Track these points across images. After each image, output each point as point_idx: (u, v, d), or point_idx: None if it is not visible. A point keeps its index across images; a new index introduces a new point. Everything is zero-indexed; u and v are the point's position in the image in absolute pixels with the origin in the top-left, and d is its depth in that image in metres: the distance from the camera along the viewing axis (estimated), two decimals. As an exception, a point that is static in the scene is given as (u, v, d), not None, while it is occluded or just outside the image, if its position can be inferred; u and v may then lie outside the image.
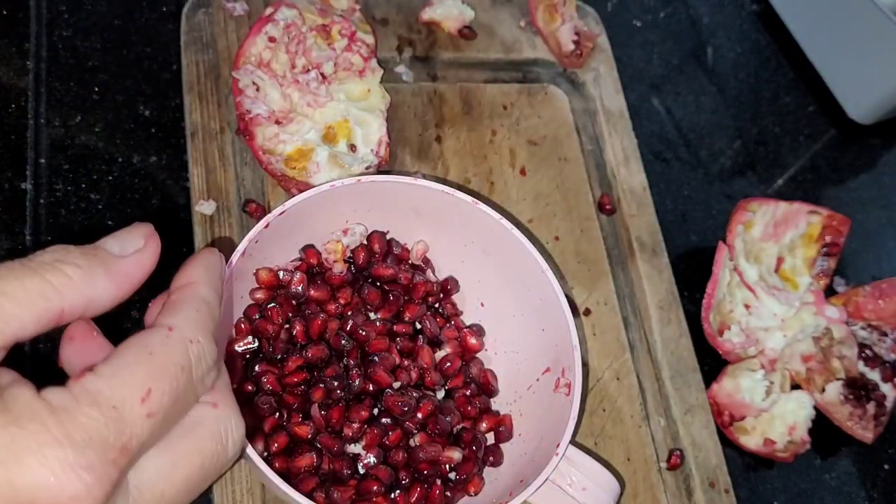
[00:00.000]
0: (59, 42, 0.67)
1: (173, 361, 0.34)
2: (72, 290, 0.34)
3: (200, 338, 0.36)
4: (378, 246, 0.56)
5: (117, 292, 0.37)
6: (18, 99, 0.64)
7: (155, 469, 0.34)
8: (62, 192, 0.62)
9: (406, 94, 0.71)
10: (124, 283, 0.37)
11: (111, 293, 0.36)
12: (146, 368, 0.33)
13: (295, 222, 0.53)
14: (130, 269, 0.37)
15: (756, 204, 0.70)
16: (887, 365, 0.68)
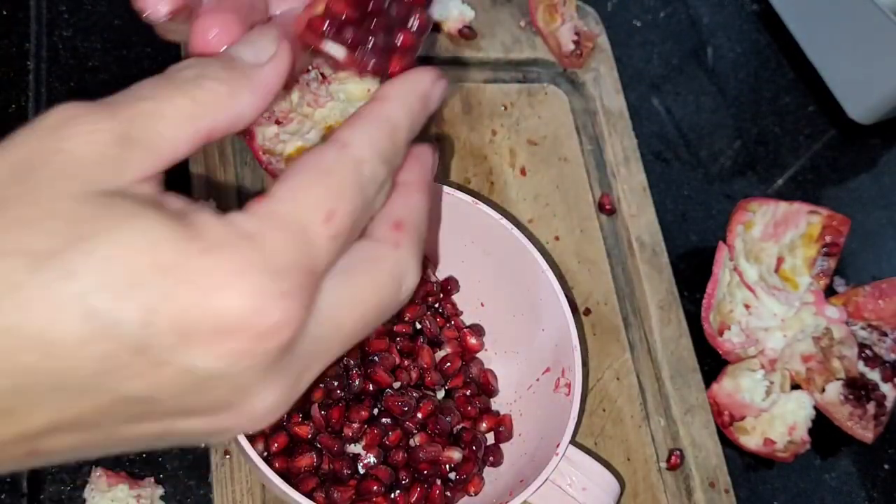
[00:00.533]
0: (59, 42, 0.67)
1: (350, 181, 0.32)
2: (220, 108, 0.32)
3: (372, 156, 0.33)
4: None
5: (260, 104, 0.34)
6: (18, 99, 0.64)
7: (336, 298, 0.32)
8: (62, 192, 0.62)
9: (406, 94, 0.71)
10: (266, 94, 0.34)
11: (255, 106, 0.34)
12: (326, 189, 0.31)
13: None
14: (269, 79, 0.34)
15: (756, 204, 0.70)
16: (887, 365, 0.68)
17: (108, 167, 0.29)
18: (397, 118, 0.35)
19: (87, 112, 0.29)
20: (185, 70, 0.32)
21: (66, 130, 0.29)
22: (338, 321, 0.32)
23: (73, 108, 0.29)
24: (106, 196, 0.28)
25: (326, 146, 0.33)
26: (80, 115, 0.29)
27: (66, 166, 0.28)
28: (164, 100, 0.31)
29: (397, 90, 0.36)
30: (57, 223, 0.27)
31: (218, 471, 0.54)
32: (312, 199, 0.31)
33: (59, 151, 0.28)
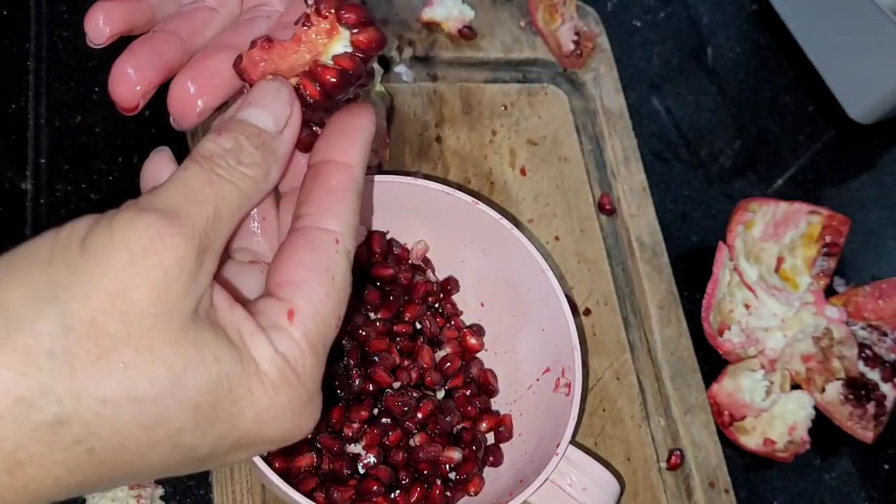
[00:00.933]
0: (59, 42, 0.67)
1: (345, 279, 0.37)
2: (260, 192, 0.36)
3: (352, 246, 0.38)
4: (378, 246, 0.56)
5: (283, 172, 0.38)
6: (18, 99, 0.64)
7: None
8: (62, 192, 0.62)
9: (406, 94, 0.71)
10: (286, 161, 0.38)
11: (279, 176, 0.37)
12: (335, 298, 0.36)
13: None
14: (289, 146, 0.38)
15: (756, 204, 0.70)
16: (887, 365, 0.68)
17: (189, 292, 0.32)
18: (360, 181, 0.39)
19: (169, 232, 0.31)
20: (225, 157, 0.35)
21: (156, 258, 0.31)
22: None
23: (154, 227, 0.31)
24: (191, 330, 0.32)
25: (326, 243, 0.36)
26: (164, 237, 0.31)
27: (162, 305, 0.31)
28: (220, 200, 0.33)
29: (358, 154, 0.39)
30: (158, 371, 0.31)
31: (218, 471, 0.54)
32: (330, 315, 0.36)
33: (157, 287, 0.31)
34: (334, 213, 0.37)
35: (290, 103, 0.38)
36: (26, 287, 0.30)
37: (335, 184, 0.38)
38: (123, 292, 0.30)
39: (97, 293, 0.30)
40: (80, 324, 0.30)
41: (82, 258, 0.30)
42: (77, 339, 0.29)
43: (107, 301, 0.30)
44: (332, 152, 0.38)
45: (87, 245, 0.31)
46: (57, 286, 0.30)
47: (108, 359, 0.30)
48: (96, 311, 0.30)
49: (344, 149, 0.38)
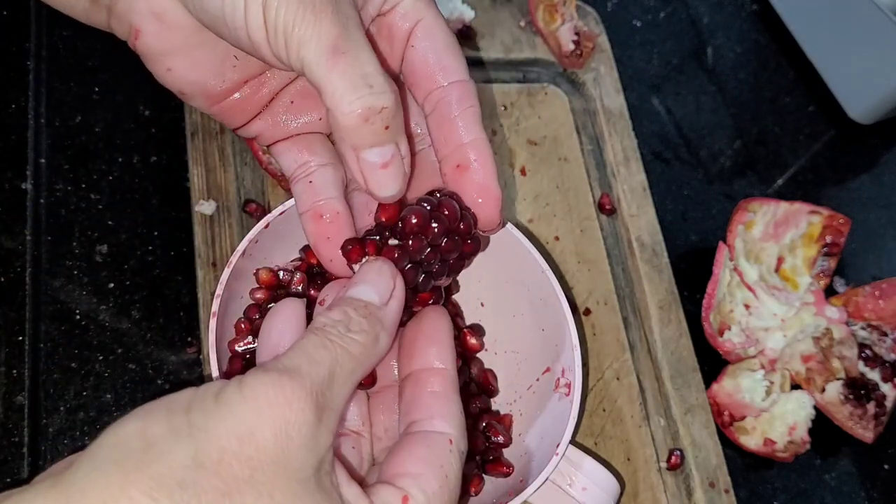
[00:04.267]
0: (59, 42, 0.67)
1: (457, 476, 0.40)
2: (370, 358, 0.39)
3: (464, 446, 0.41)
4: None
5: (392, 340, 0.41)
6: (18, 99, 0.64)
7: None
8: (62, 192, 0.62)
9: (406, 94, 0.71)
10: (394, 329, 0.41)
11: (389, 345, 0.41)
12: (448, 493, 0.39)
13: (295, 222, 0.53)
14: (396, 316, 0.41)
15: (756, 204, 0.70)
16: (887, 365, 0.68)
17: (310, 446, 0.34)
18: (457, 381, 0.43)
19: (291, 386, 0.34)
20: (336, 326, 0.38)
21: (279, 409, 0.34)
22: None
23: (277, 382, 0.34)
24: (310, 486, 0.34)
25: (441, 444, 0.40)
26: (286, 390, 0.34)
27: (284, 455, 0.33)
28: (334, 362, 0.36)
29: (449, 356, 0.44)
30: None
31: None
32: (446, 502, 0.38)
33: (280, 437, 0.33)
34: (445, 416, 0.41)
35: (393, 277, 0.41)
36: (168, 424, 0.33)
37: (439, 390, 0.42)
38: (249, 437, 0.33)
39: (227, 436, 0.33)
40: (210, 461, 0.32)
41: (216, 407, 0.33)
42: (206, 475, 0.32)
43: (235, 443, 0.33)
44: (428, 359, 0.43)
45: (221, 397, 0.34)
46: (192, 426, 0.33)
47: (231, 498, 0.32)
48: (225, 451, 0.32)
49: (436, 355, 0.43)
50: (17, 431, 0.55)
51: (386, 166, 0.41)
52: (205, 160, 0.63)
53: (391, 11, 0.44)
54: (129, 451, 0.32)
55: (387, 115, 0.40)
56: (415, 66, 0.44)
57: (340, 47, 0.39)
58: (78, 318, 0.59)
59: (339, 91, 0.39)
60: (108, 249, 0.62)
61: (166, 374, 0.59)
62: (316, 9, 0.39)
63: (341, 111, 0.40)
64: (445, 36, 0.44)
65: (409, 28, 0.44)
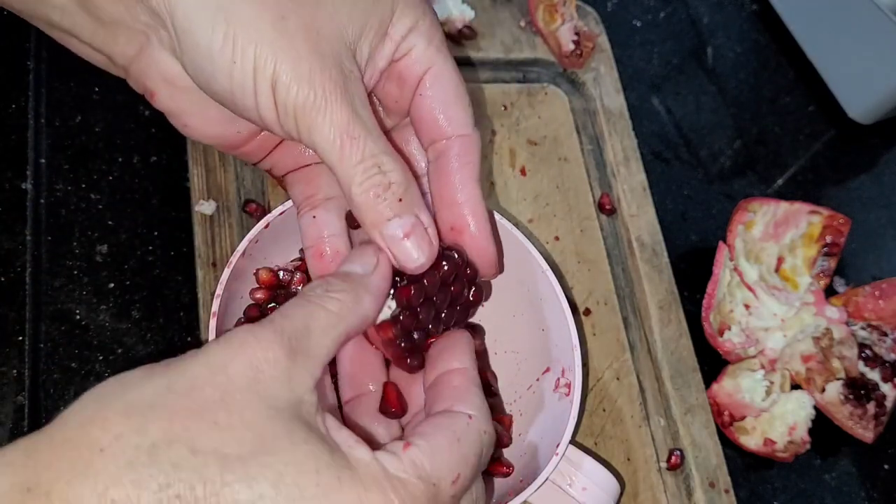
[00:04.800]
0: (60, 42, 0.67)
1: (474, 451, 0.39)
2: (350, 313, 0.40)
3: (488, 428, 0.41)
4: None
5: (379, 305, 0.42)
6: (18, 99, 0.64)
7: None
8: (62, 192, 0.62)
9: (406, 94, 0.71)
10: (380, 295, 0.42)
11: (375, 307, 0.42)
12: (457, 455, 0.38)
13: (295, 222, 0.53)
14: (380, 283, 0.42)
15: (756, 204, 0.70)
16: (887, 365, 0.68)
17: (283, 382, 0.35)
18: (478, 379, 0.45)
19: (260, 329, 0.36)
20: (315, 289, 0.40)
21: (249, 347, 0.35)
22: None
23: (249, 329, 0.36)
24: (286, 414, 0.35)
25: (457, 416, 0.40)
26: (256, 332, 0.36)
27: (256, 384, 0.35)
28: (308, 316, 0.38)
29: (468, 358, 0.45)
30: (246, 434, 0.34)
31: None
32: (447, 463, 0.38)
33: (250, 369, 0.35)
34: (465, 401, 0.42)
35: (375, 254, 0.43)
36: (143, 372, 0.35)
37: (458, 384, 0.43)
38: (221, 368, 0.35)
39: (199, 367, 0.35)
40: (181, 387, 0.34)
41: (194, 354, 0.36)
42: (177, 398, 0.34)
43: (206, 372, 0.34)
44: (445, 365, 0.45)
45: (200, 349, 0.36)
46: (169, 369, 0.35)
47: (202, 416, 0.33)
48: (196, 378, 0.34)
49: (454, 358, 0.45)
50: (16, 431, 0.55)
51: (409, 236, 0.43)
52: (205, 160, 0.63)
53: (404, 58, 0.44)
54: (107, 393, 0.34)
55: (397, 189, 0.42)
56: (422, 114, 0.45)
57: (350, 133, 0.41)
58: (78, 318, 0.59)
59: (350, 174, 0.41)
60: (108, 249, 0.62)
61: (166, 374, 0.59)
62: (326, 92, 0.40)
63: (355, 192, 0.42)
64: (455, 85, 0.45)
65: (420, 75, 0.45)
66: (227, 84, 0.41)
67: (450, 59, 0.45)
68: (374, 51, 0.43)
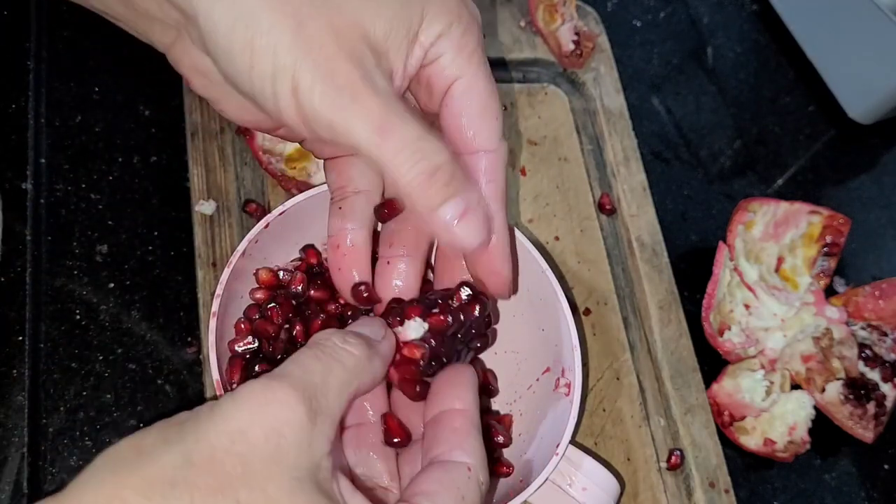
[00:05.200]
0: (59, 42, 0.67)
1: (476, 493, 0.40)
2: (363, 372, 0.40)
3: (485, 477, 0.42)
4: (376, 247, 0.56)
5: (384, 371, 0.43)
6: (18, 99, 0.64)
7: None
8: (62, 192, 0.62)
9: (406, 94, 0.71)
10: (386, 362, 0.43)
11: (382, 371, 0.42)
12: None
13: (295, 222, 0.53)
14: (388, 350, 0.43)
15: (756, 204, 0.70)
16: (887, 365, 0.68)
17: (303, 447, 0.35)
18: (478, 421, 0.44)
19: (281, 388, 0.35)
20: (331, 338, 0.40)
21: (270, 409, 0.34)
22: None
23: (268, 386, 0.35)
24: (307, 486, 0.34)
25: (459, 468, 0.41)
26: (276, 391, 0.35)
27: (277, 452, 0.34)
28: (327, 371, 0.38)
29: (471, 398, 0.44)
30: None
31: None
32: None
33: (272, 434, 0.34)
34: (465, 448, 0.42)
35: (384, 326, 0.44)
36: (159, 435, 0.34)
37: (458, 426, 0.43)
38: (240, 435, 0.33)
39: (217, 434, 0.33)
40: (201, 459, 0.33)
41: (209, 414, 0.34)
42: (198, 473, 0.32)
43: (226, 441, 0.33)
44: (448, 402, 0.44)
45: (215, 406, 0.35)
46: (185, 433, 0.34)
47: (224, 493, 0.32)
48: (216, 448, 0.33)
49: (457, 396, 0.44)
50: (16, 431, 0.55)
51: (463, 217, 0.42)
52: (205, 160, 0.63)
53: (432, 64, 0.44)
54: (122, 460, 0.33)
55: (446, 171, 0.41)
56: (447, 125, 0.45)
57: (387, 125, 0.40)
58: (78, 319, 0.59)
59: (396, 164, 0.40)
60: (108, 249, 0.62)
61: (166, 374, 0.59)
62: (354, 91, 0.40)
63: (403, 182, 0.41)
64: (483, 98, 0.44)
65: (447, 84, 0.44)
66: (248, 87, 0.41)
67: (482, 69, 0.44)
68: (404, 55, 0.43)
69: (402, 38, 0.42)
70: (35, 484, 0.54)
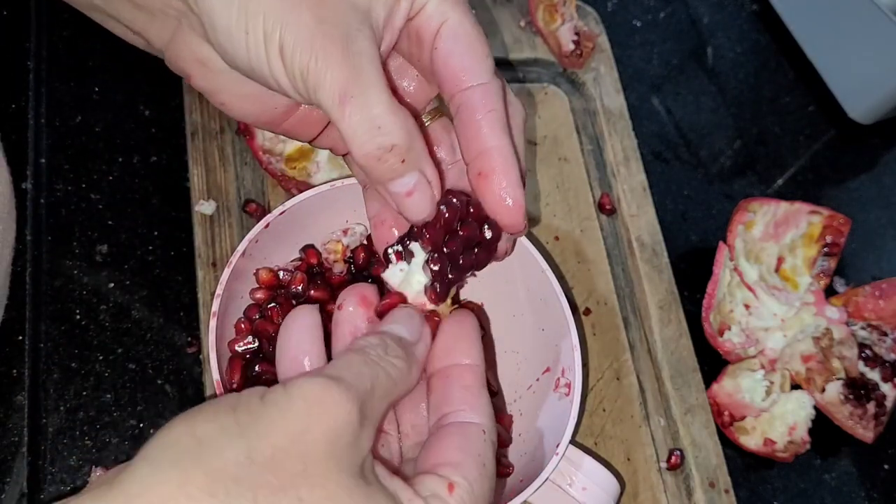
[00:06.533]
0: (59, 42, 0.67)
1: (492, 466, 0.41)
2: (402, 383, 0.40)
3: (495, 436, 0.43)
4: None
5: (419, 375, 0.43)
6: (18, 99, 0.64)
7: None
8: (62, 192, 0.62)
9: (406, 94, 0.71)
10: (422, 366, 0.44)
11: (418, 377, 0.43)
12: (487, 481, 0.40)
13: (295, 222, 0.53)
14: (423, 355, 0.44)
15: (757, 204, 0.70)
16: (887, 365, 0.68)
17: (354, 446, 0.36)
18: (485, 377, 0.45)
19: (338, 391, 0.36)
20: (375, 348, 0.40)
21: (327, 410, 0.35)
22: None
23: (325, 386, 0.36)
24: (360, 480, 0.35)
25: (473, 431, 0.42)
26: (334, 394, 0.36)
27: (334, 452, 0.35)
28: (375, 378, 0.38)
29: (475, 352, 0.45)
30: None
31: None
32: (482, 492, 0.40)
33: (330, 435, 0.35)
34: (476, 408, 0.43)
35: (422, 324, 0.44)
36: (216, 423, 0.34)
37: (469, 384, 0.44)
38: (300, 435, 0.34)
39: (277, 433, 0.34)
40: (263, 457, 0.33)
41: (263, 407, 0.35)
42: (260, 471, 0.33)
43: (287, 441, 0.34)
44: (456, 356, 0.45)
45: (267, 398, 0.35)
46: (242, 425, 0.34)
47: (286, 492, 0.33)
48: (277, 448, 0.33)
49: (465, 351, 0.45)
50: (16, 431, 0.55)
51: (411, 194, 0.43)
52: (205, 160, 0.63)
53: (418, 14, 0.44)
54: (183, 450, 0.33)
55: (399, 151, 0.42)
56: (438, 68, 0.45)
57: (349, 91, 0.40)
58: (78, 319, 0.59)
59: (352, 135, 0.41)
60: (108, 249, 0.62)
61: (166, 374, 0.59)
62: (326, 51, 0.40)
63: (357, 153, 0.41)
64: (469, 36, 0.44)
65: (435, 30, 0.44)
66: (245, 56, 0.42)
67: (465, 12, 0.45)
68: (390, 11, 0.43)
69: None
70: (35, 484, 0.54)
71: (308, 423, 0.34)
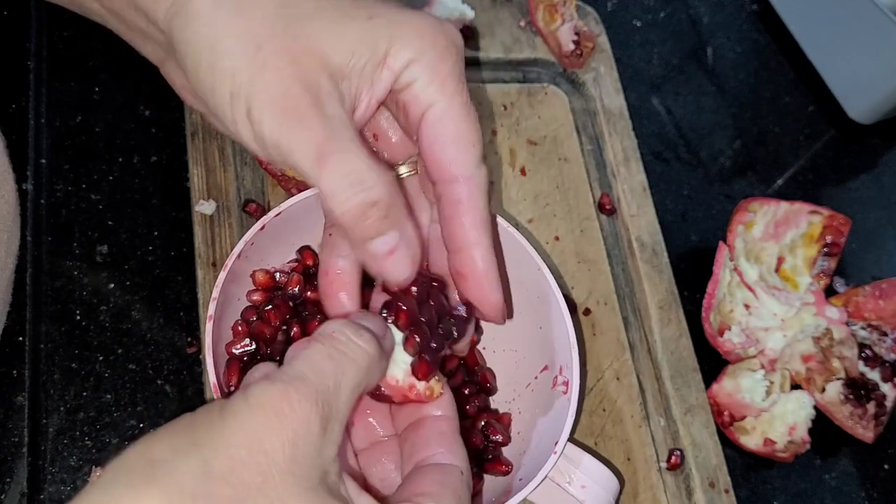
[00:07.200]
0: (59, 42, 0.67)
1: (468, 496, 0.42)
2: (373, 371, 0.40)
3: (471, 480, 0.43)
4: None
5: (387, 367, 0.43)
6: (18, 99, 0.64)
7: None
8: (62, 192, 0.62)
9: (406, 95, 0.71)
10: (389, 359, 0.43)
11: (385, 368, 0.42)
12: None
13: (291, 223, 0.53)
14: (390, 347, 0.43)
15: (757, 204, 0.70)
16: (887, 365, 0.68)
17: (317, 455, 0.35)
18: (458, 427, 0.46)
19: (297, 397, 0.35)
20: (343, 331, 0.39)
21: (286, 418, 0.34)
22: None
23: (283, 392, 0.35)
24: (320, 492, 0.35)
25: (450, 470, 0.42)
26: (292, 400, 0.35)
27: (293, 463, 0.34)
28: (339, 373, 0.37)
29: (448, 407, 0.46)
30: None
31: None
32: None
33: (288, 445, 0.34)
34: (454, 452, 0.43)
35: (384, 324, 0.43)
36: (169, 443, 0.33)
37: (445, 430, 0.44)
38: (258, 445, 0.33)
39: (236, 446, 0.33)
40: (221, 470, 0.32)
41: (221, 420, 0.34)
42: (218, 485, 0.32)
43: (245, 453, 0.33)
44: (427, 409, 0.45)
45: (226, 410, 0.34)
46: (198, 442, 0.33)
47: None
48: (235, 461, 0.33)
49: (436, 406, 0.45)
50: (16, 431, 0.55)
51: (392, 253, 0.42)
52: (205, 160, 0.64)
53: (406, 90, 0.43)
54: (136, 472, 0.32)
55: (382, 207, 0.41)
56: (423, 152, 0.44)
57: (327, 149, 0.40)
58: (78, 319, 0.59)
59: (330, 194, 0.40)
60: (108, 249, 0.62)
61: (166, 374, 0.59)
62: (300, 115, 0.40)
63: (337, 213, 0.41)
64: (457, 124, 0.43)
65: (421, 112, 0.43)
66: (213, 108, 0.42)
67: (457, 97, 0.43)
68: (368, 79, 0.42)
69: (366, 62, 0.42)
70: (35, 484, 0.54)
71: (266, 432, 0.34)
